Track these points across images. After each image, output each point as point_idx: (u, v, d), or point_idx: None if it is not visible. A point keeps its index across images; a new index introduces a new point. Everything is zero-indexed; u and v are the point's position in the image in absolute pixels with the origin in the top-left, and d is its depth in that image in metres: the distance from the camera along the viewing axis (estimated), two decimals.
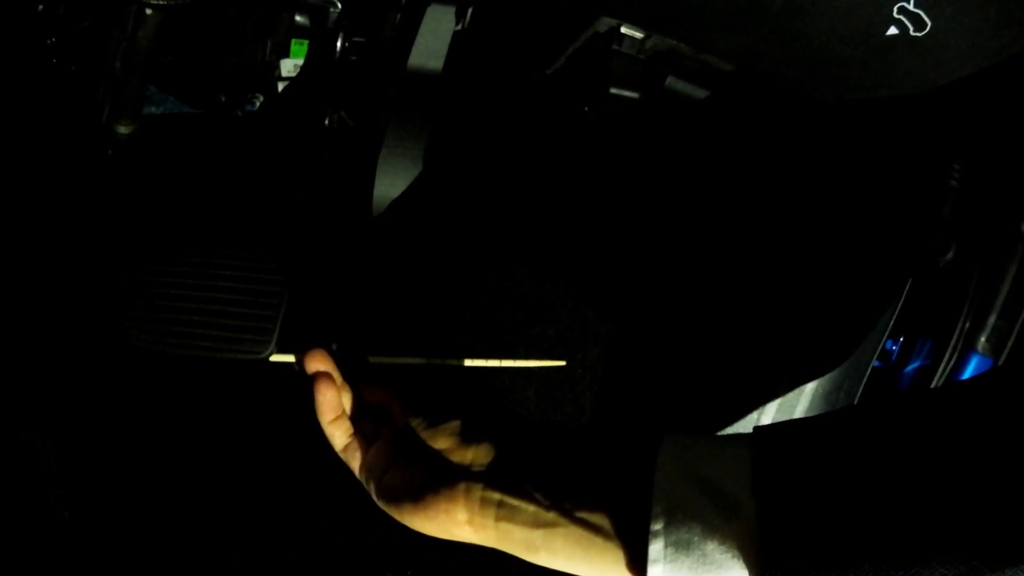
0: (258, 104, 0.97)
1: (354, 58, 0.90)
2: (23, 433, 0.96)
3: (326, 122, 0.89)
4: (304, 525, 0.99)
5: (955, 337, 0.91)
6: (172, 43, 1.06)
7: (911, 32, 0.81)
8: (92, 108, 1.12)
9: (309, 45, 0.95)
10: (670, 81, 0.82)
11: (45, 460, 0.96)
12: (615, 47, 0.80)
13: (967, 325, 0.92)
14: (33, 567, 0.96)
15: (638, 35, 0.81)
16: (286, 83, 0.97)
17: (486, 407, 0.87)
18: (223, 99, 1.00)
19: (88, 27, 1.12)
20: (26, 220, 1.04)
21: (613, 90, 0.80)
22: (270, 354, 0.82)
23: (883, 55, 0.83)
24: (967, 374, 0.92)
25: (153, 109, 1.09)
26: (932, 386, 0.92)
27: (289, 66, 0.98)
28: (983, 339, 0.92)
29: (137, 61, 1.09)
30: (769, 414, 0.88)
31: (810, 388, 0.87)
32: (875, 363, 0.92)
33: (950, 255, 0.91)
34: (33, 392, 0.97)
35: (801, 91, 0.86)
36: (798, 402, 0.87)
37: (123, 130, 1.11)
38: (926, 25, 0.80)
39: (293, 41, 0.96)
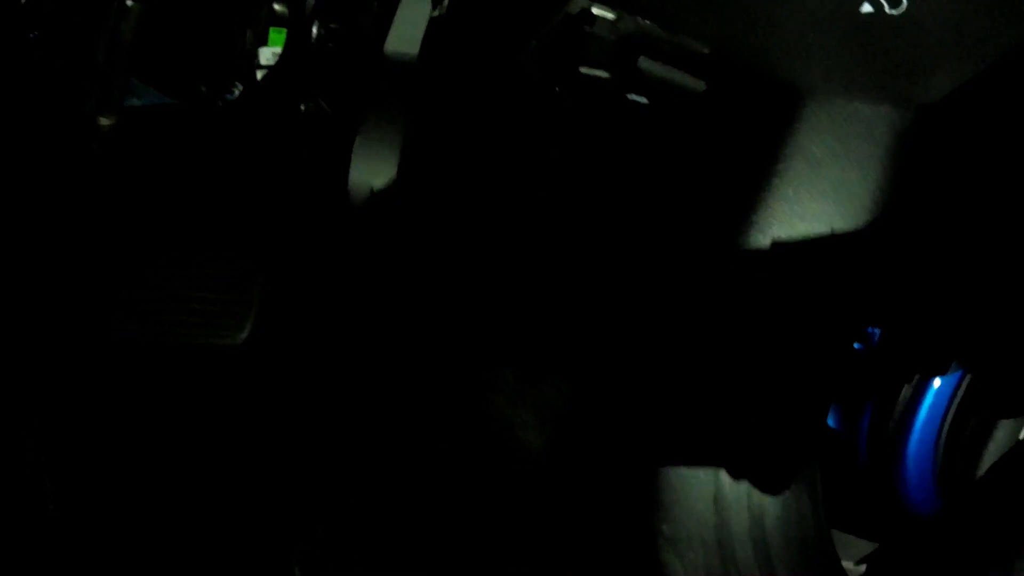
0: (237, 93, 0.97)
1: (331, 45, 0.90)
2: (13, 426, 0.96)
3: (302, 108, 0.89)
4: (297, 523, 0.99)
5: None
6: (153, 35, 1.07)
7: (887, 10, 0.80)
8: (76, 101, 1.12)
9: (287, 33, 0.95)
10: (643, 62, 0.82)
11: (34, 453, 0.96)
12: (587, 28, 0.79)
13: None
14: (18, 559, 0.96)
15: (610, 16, 0.80)
16: (265, 71, 0.97)
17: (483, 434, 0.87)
18: (204, 89, 1.00)
19: (71, 21, 1.13)
20: (10, 215, 1.04)
21: (584, 70, 0.80)
22: (245, 337, 0.82)
23: (859, 35, 0.82)
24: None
25: (135, 101, 1.09)
26: None
27: (267, 54, 0.98)
28: None
29: (120, 53, 1.09)
30: None
31: None
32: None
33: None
34: (23, 386, 0.97)
35: (777, 75, 0.85)
36: None
37: (105, 122, 1.11)
38: (901, 2, 0.79)
39: (271, 29, 0.96)
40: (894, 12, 0.79)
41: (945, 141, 0.88)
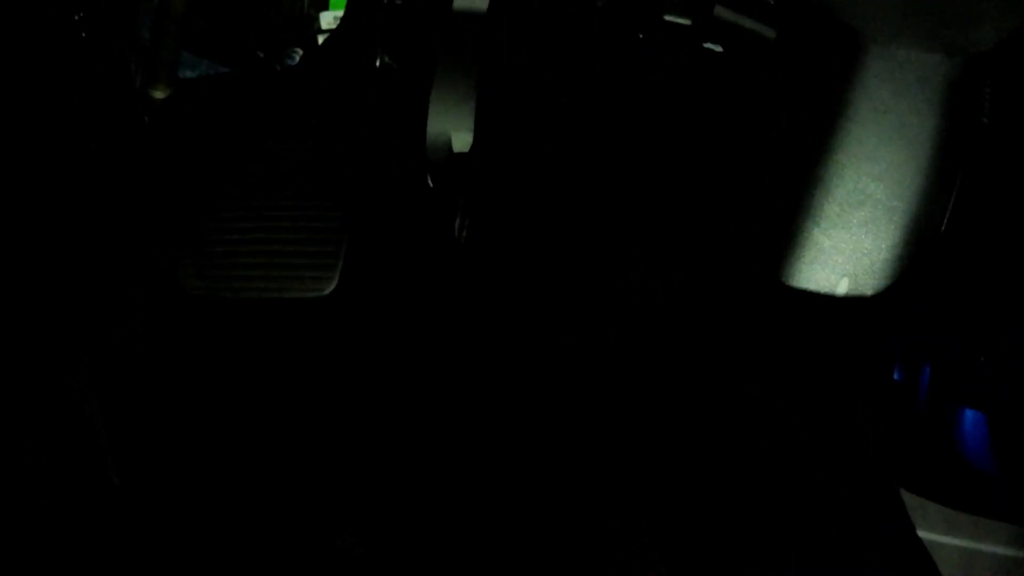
0: (297, 58, 0.97)
1: (398, 1, 0.91)
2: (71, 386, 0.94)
3: (377, 63, 0.89)
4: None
5: None
6: (205, 5, 1.07)
7: None
8: (124, 77, 1.12)
9: None
10: (719, 10, 0.83)
11: (95, 424, 0.95)
12: None
13: None
14: (81, 531, 0.94)
15: None
16: (326, 35, 0.98)
17: None
18: (261, 55, 1.00)
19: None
20: (67, 191, 1.03)
21: (668, 17, 0.81)
22: (332, 289, 0.81)
23: None
24: None
25: (189, 73, 1.09)
26: None
27: (329, 18, 0.98)
28: None
29: (169, 27, 1.09)
30: None
31: None
32: None
33: None
34: (82, 350, 0.95)
35: (841, 22, 0.87)
36: None
37: (159, 95, 1.11)
38: None
39: None
40: None
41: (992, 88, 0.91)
